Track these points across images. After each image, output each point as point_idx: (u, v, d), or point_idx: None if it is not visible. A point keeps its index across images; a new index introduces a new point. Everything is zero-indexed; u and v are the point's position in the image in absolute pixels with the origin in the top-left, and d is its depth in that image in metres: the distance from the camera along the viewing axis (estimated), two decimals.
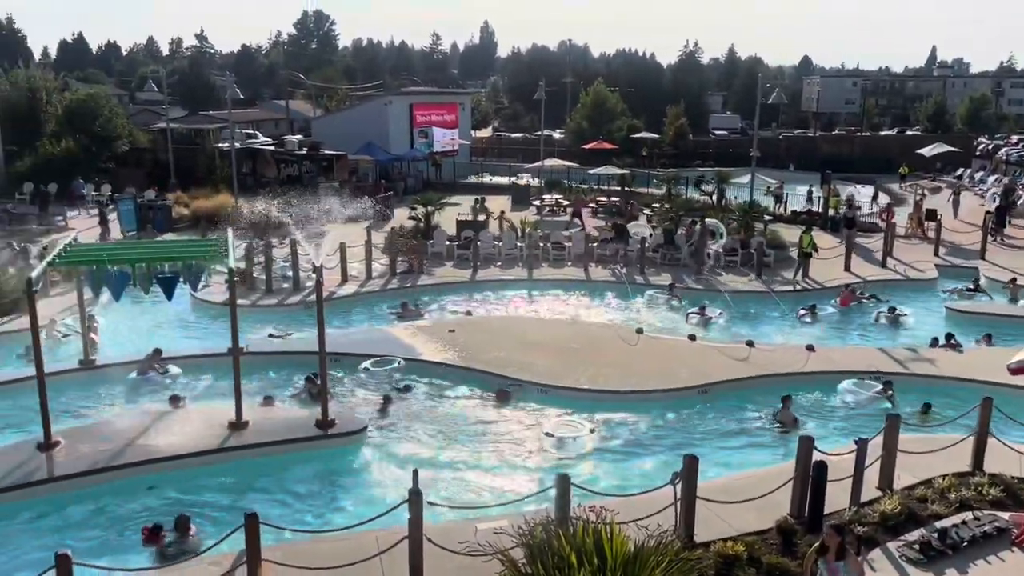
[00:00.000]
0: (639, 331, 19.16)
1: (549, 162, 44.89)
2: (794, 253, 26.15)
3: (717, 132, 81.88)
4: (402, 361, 16.91)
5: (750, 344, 18.15)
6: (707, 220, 28.04)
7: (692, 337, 18.92)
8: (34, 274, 13.02)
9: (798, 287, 24.35)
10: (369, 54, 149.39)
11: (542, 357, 17.27)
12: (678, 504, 10.20)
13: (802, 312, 21.74)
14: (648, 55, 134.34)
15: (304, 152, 43.55)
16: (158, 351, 16.75)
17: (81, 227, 31.30)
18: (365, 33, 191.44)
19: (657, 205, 35.08)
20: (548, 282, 24.91)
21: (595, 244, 27.74)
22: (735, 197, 36.50)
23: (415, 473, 9.72)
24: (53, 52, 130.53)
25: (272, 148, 45.61)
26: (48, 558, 8.35)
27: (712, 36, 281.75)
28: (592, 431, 13.89)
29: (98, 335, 18.10)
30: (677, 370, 16.64)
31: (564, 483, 9.68)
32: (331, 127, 51.06)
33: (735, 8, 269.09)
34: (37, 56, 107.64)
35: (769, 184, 39.28)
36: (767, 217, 32.51)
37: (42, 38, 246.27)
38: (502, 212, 33.01)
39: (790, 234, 28.70)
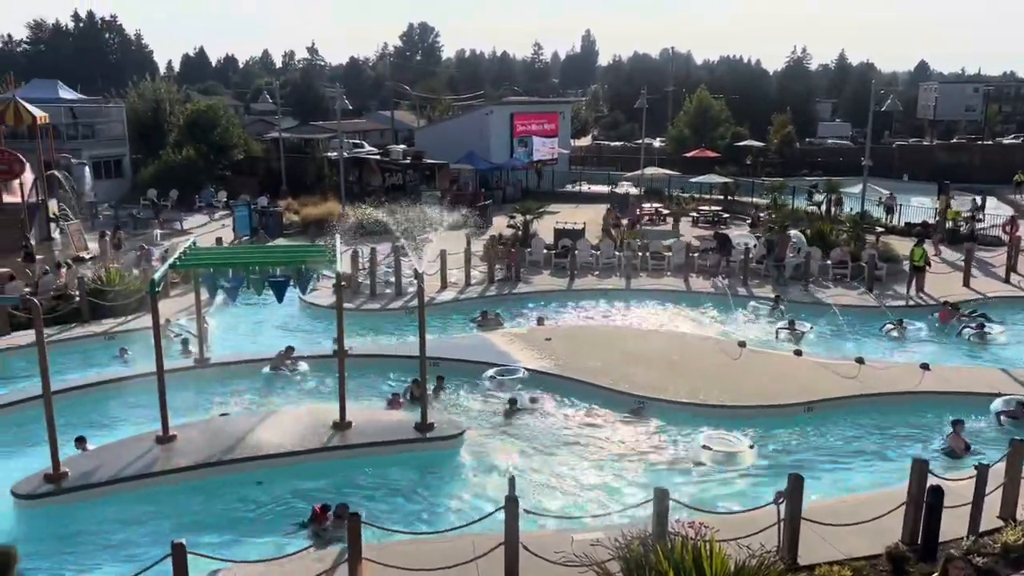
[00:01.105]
0: (741, 344, 18.70)
1: (649, 170, 44.49)
2: (907, 266, 24.99)
3: (826, 140, 79.12)
4: (526, 372, 16.80)
5: (860, 361, 17.43)
6: (789, 232, 27.16)
7: (798, 352, 18.30)
8: (157, 275, 13.79)
9: (911, 302, 23.23)
10: (472, 64, 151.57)
11: (640, 368, 17.06)
12: (781, 524, 9.87)
13: (889, 327, 20.75)
14: (753, 62, 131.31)
15: (408, 161, 44.62)
16: (290, 348, 17.53)
17: (202, 232, 33.09)
18: (468, 44, 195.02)
19: (762, 215, 34.25)
20: (647, 292, 24.61)
21: (696, 254, 27.26)
22: (851, 209, 35.12)
23: (511, 480, 9.76)
24: (176, 66, 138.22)
25: (377, 157, 46.90)
26: (165, 546, 8.81)
27: (821, 42, 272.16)
28: (751, 447, 13.47)
29: (208, 335, 19.00)
30: (781, 386, 16.12)
31: (662, 497, 9.52)
32: (434, 137, 52.06)
33: (845, 13, 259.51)
34: (162, 70, 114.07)
35: (881, 195, 37.73)
36: (879, 229, 31.23)
37: (167, 53, 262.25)
38: (627, 224, 32.68)
39: (903, 247, 27.44)
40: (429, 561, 9.49)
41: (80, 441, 13.38)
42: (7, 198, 29.52)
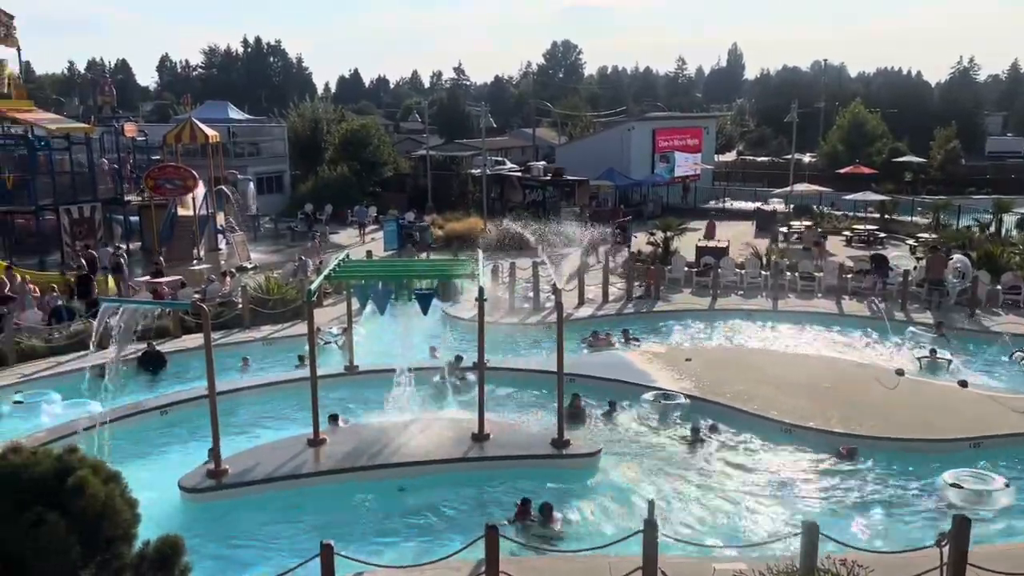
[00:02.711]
0: (899, 372, 17.53)
1: (800, 187, 42.83)
2: None
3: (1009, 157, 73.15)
4: (686, 399, 16.28)
5: None
6: (955, 256, 25.20)
7: (963, 383, 16.98)
8: (312, 286, 14.53)
9: None
10: (613, 81, 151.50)
11: (787, 394, 16.33)
12: (944, 569, 9.12)
13: (1019, 354, 18.93)
14: (913, 73, 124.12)
15: (548, 178, 45.06)
16: (459, 358, 18.04)
17: (354, 246, 34.69)
18: (610, 60, 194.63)
19: (924, 235, 32.20)
20: (795, 314, 23.52)
21: (850, 276, 25.90)
22: None
23: (651, 504, 9.56)
24: (333, 86, 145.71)
25: (519, 174, 47.65)
26: (311, 543, 9.20)
27: (991, 51, 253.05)
28: (1007, 484, 12.53)
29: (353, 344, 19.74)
30: (944, 419, 15.00)
31: (812, 531, 9.04)
32: (574, 153, 52.32)
33: (1019, 18, 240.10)
34: (320, 90, 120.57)
35: None
36: None
37: (325, 74, 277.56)
38: (816, 242, 31.61)
39: None
40: None
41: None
42: (181, 211, 32.11)
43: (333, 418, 14.84)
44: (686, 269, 27.67)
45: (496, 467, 13.53)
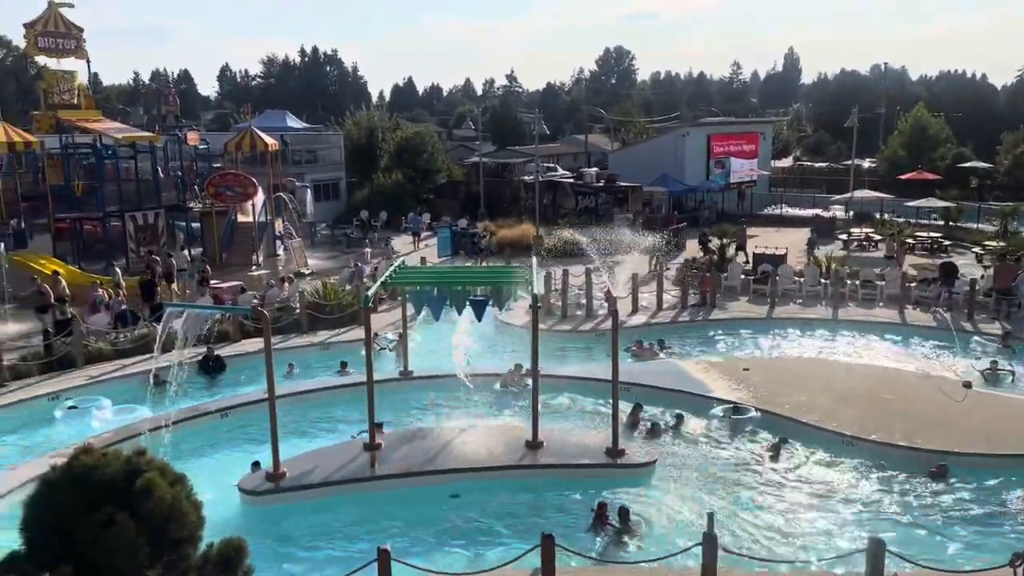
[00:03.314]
0: (966, 385, 16.93)
1: (859, 193, 41.91)
2: None
3: None
4: (757, 412, 15.94)
5: None
6: None
7: None
8: (370, 292, 14.67)
9: None
10: (666, 86, 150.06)
11: (847, 406, 15.92)
12: None
13: None
14: (978, 76, 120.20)
15: (600, 184, 44.85)
16: (518, 366, 18.03)
17: (409, 252, 35.04)
18: (663, 66, 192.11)
19: (991, 243, 31.14)
20: (855, 323, 22.96)
21: (913, 284, 25.16)
22: None
23: (710, 516, 9.40)
24: (387, 95, 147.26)
25: (571, 180, 47.54)
26: (369, 550, 9.24)
27: None
28: None
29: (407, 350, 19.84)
30: (1015, 433, 14.45)
31: (878, 548, 8.79)
32: (627, 159, 51.96)
33: None
34: (375, 99, 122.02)
35: None
36: None
37: (379, 83, 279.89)
38: (899, 247, 30.94)
39: None
40: None
41: (255, 465, 13.53)
42: (241, 218, 32.81)
43: (378, 427, 14.68)
44: (743, 277, 27.23)
45: (550, 475, 13.45)
